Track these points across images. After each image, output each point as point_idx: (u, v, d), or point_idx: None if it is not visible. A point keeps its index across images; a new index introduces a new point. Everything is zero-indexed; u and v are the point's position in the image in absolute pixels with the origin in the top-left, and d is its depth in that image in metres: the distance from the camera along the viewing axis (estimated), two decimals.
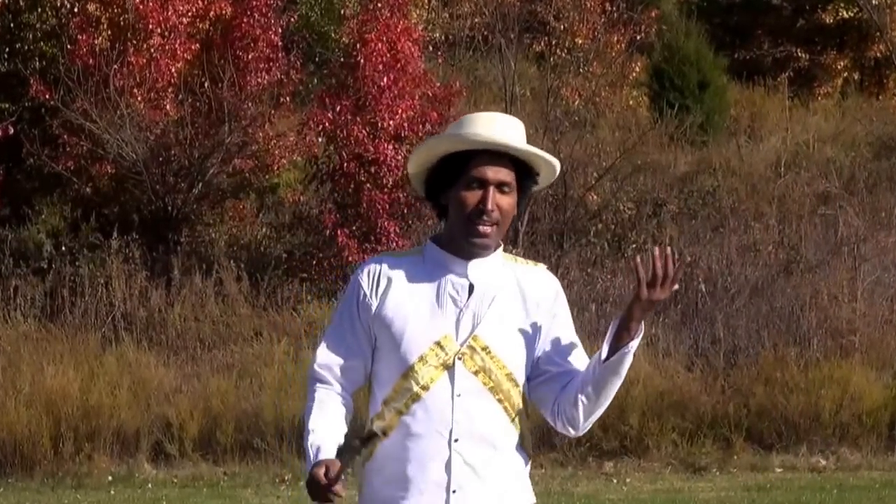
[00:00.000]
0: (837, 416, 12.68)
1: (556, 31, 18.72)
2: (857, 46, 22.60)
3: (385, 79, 15.10)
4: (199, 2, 15.90)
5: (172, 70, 15.54)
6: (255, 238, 16.29)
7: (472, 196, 3.08)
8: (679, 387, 12.97)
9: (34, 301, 14.45)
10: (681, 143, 18.32)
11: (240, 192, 16.44)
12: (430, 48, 17.97)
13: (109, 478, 12.27)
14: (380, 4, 15.50)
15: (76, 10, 16.08)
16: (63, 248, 15.16)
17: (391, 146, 15.08)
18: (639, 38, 19.24)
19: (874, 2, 21.21)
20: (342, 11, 18.24)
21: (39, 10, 16.86)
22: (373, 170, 15.08)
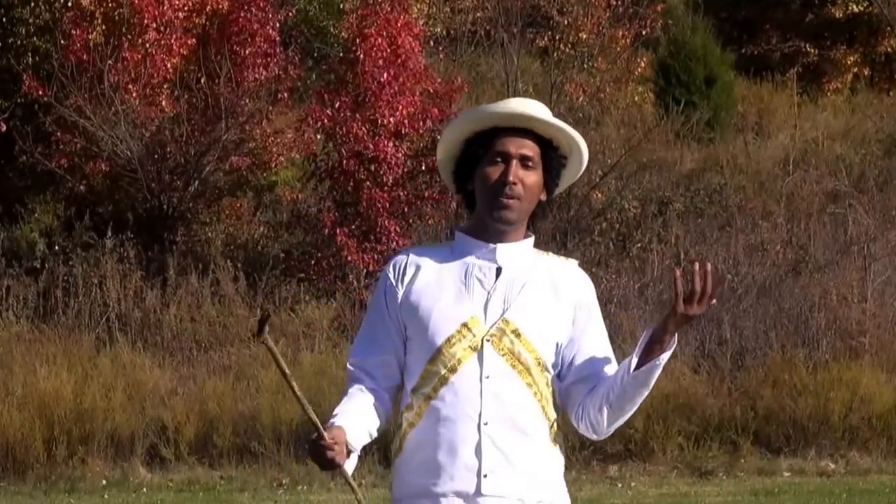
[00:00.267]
0: (847, 419, 12.65)
1: (560, 26, 18.69)
2: (868, 41, 22.48)
3: (385, 74, 15.05)
4: None
5: (168, 65, 15.50)
6: (253, 237, 16.25)
7: (495, 170, 3.11)
8: (685, 389, 12.92)
9: (27, 301, 14.47)
10: (687, 140, 18.29)
11: (237, 191, 16.40)
12: (431, 43, 17.97)
13: (103, 482, 12.28)
14: None
15: (70, 5, 16.06)
16: (56, 248, 15.16)
17: (391, 143, 15.03)
18: (644, 33, 19.26)
19: None
20: (341, 6, 18.25)
21: (32, 5, 16.82)
22: (373, 167, 15.02)
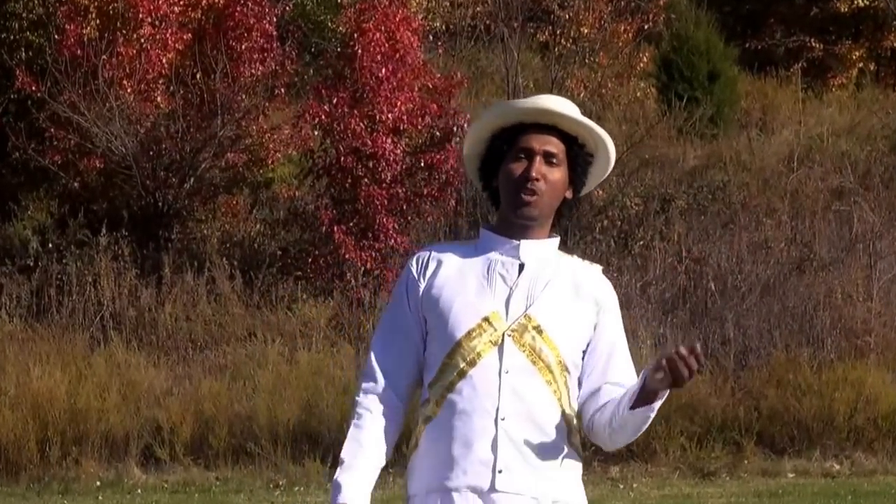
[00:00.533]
0: (852, 420, 12.66)
1: (561, 21, 18.77)
2: (873, 36, 22.46)
3: (383, 70, 15.00)
4: None
5: (163, 61, 15.48)
6: (249, 235, 16.21)
7: (518, 166, 3.12)
8: (687, 389, 12.43)
9: (20, 300, 14.47)
10: (690, 137, 18.27)
11: (233, 188, 16.38)
12: (430, 38, 17.95)
13: (98, 483, 12.27)
14: None
15: None
16: (50, 245, 15.14)
17: (390, 140, 14.98)
18: (646, 28, 19.44)
19: None
20: (339, 0, 18.18)
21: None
22: (371, 164, 14.95)
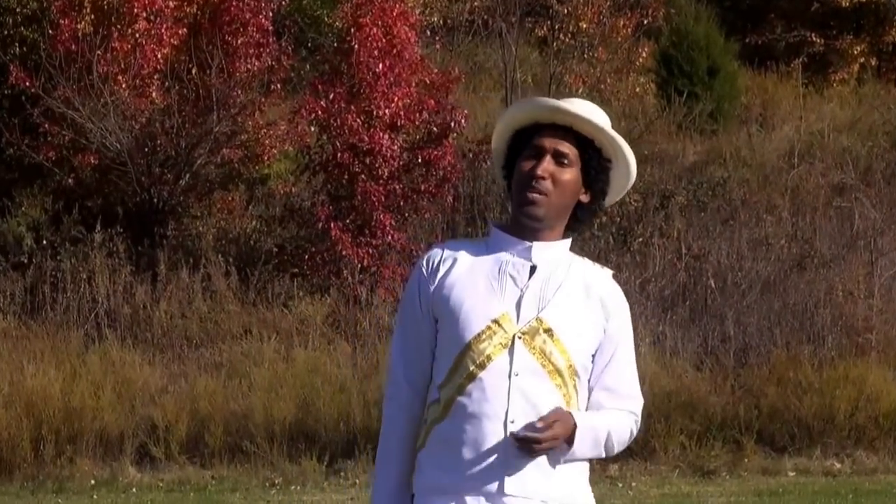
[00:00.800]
0: (853, 418, 12.62)
1: (560, 15, 18.80)
2: (875, 31, 22.48)
3: (380, 65, 14.95)
4: None
5: (158, 56, 15.42)
6: (245, 231, 16.16)
7: (527, 164, 3.12)
8: (687, 387, 12.91)
9: (13, 297, 14.44)
10: (689, 132, 18.26)
11: (228, 184, 16.32)
12: (428, 33, 17.99)
13: (92, 482, 12.24)
14: None
15: None
16: (44, 242, 15.11)
17: (387, 135, 14.93)
18: (646, 23, 19.51)
19: None
20: None
21: None
22: (367, 160, 14.90)
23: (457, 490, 3.05)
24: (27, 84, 15.28)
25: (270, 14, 15.92)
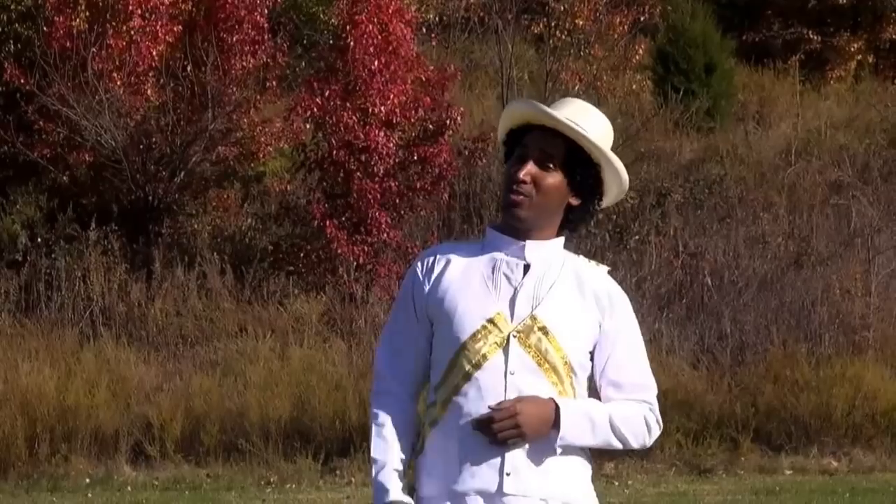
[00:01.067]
0: (850, 416, 12.62)
1: (556, 12, 18.78)
2: (872, 28, 22.45)
3: (376, 62, 14.91)
4: None
5: (153, 53, 15.38)
6: (240, 229, 16.13)
7: (512, 167, 3.14)
8: (684, 385, 12.89)
9: (8, 295, 14.40)
10: (686, 130, 18.23)
11: (224, 182, 16.27)
12: (424, 30, 18.03)
13: (87, 480, 12.21)
14: None
15: None
16: (39, 240, 15.05)
17: (382, 133, 14.87)
18: (642, 20, 19.48)
19: None
20: None
21: None
22: (363, 158, 14.86)
23: (455, 490, 3.05)
24: (21, 81, 15.23)
25: (266, 11, 15.86)
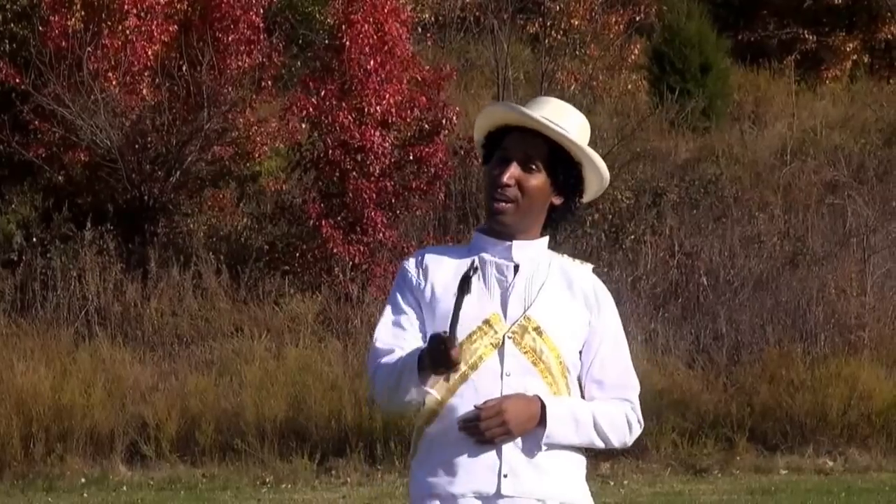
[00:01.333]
0: (845, 416, 12.59)
1: (552, 12, 18.76)
2: (868, 27, 22.46)
3: (372, 62, 14.89)
4: None
5: (149, 53, 15.37)
6: (236, 229, 16.09)
7: (495, 170, 3.12)
8: (679, 385, 12.89)
9: (3, 295, 14.40)
10: (682, 130, 18.22)
11: (219, 181, 16.25)
12: (419, 30, 18.08)
13: (82, 480, 12.19)
14: None
15: None
16: (34, 240, 15.02)
17: (378, 132, 14.85)
18: (638, 20, 19.46)
19: None
20: None
21: None
22: (359, 157, 14.84)
23: (452, 492, 3.03)
24: (17, 81, 15.23)
25: (261, 11, 15.86)
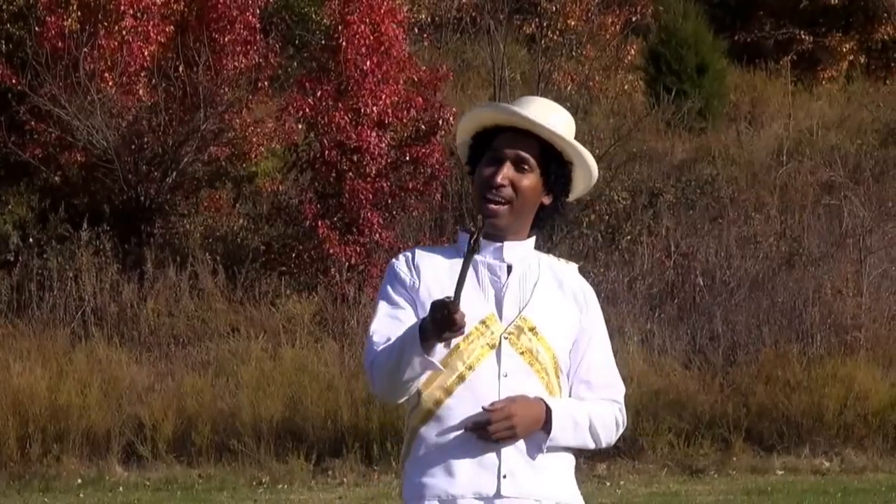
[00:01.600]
0: (841, 416, 12.59)
1: (548, 13, 18.78)
2: (864, 28, 22.48)
3: (368, 62, 14.90)
4: None
5: (145, 53, 15.38)
6: (232, 229, 16.09)
7: (488, 170, 3.09)
8: (675, 385, 12.88)
9: (0, 295, 14.35)
10: (678, 130, 18.20)
11: (216, 182, 16.25)
12: (416, 30, 18.06)
13: (79, 480, 12.20)
14: None
15: None
16: (30, 240, 15.02)
17: (374, 133, 14.86)
18: (634, 20, 19.46)
19: None
20: None
21: None
22: (355, 158, 14.84)
23: (451, 494, 3.01)
24: (13, 81, 15.23)
25: (258, 11, 15.87)
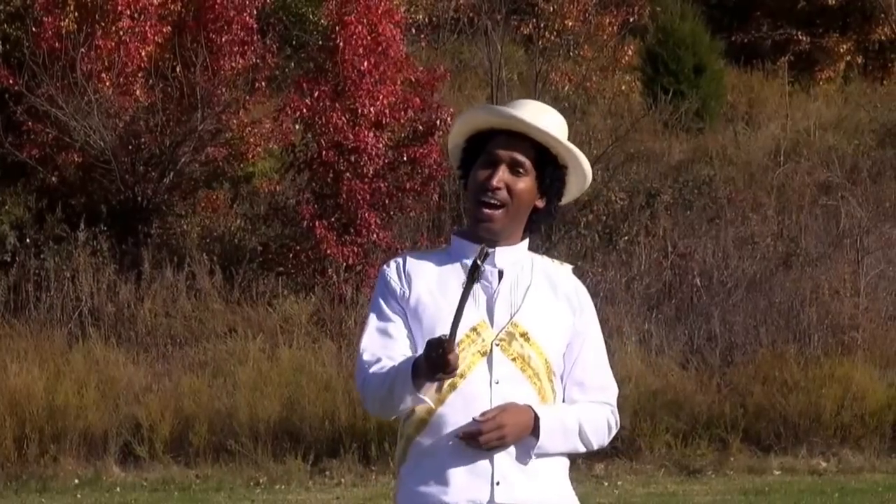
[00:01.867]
0: (839, 417, 12.60)
1: (545, 13, 18.82)
2: (861, 29, 22.52)
3: (365, 63, 14.90)
4: None
5: (142, 54, 15.37)
6: (229, 230, 16.10)
7: (483, 173, 3.07)
8: (673, 385, 12.88)
9: None
10: (675, 131, 18.23)
11: (213, 182, 16.24)
12: (413, 31, 18.17)
13: (76, 481, 12.19)
14: None
15: None
16: (27, 241, 14.99)
17: (372, 134, 14.85)
18: (632, 21, 19.50)
19: None
20: None
21: None
22: (353, 158, 14.84)
23: (445, 501, 3.00)
24: (10, 82, 15.20)
25: (255, 12, 15.84)
